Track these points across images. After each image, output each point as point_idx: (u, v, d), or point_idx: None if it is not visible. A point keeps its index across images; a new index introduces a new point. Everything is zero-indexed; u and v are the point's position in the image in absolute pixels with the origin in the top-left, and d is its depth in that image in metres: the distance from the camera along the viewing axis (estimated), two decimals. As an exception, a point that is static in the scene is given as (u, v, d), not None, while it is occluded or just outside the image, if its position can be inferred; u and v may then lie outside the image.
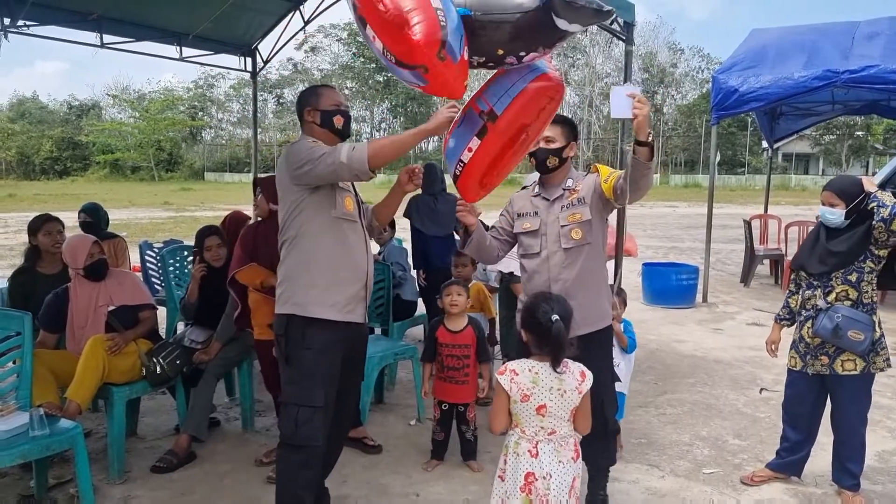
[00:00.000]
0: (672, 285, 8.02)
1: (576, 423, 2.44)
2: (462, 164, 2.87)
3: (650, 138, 2.68)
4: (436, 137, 3.02)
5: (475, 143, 2.81)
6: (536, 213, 3.08)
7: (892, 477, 3.71)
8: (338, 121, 2.90)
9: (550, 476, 2.33)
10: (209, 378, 3.95)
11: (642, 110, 2.65)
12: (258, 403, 4.48)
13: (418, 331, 5.83)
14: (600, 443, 3.05)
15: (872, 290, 3.29)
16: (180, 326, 5.11)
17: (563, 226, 2.98)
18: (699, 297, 8.34)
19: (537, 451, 2.37)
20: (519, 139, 2.82)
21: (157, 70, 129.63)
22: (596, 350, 2.96)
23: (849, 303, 3.26)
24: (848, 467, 3.39)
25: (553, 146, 3.03)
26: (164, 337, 4.28)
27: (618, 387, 3.90)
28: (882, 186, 12.18)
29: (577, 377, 2.40)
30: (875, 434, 4.16)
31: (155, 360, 3.76)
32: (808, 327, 3.36)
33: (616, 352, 3.90)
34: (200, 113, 54.50)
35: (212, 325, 4.13)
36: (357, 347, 3.00)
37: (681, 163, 47.52)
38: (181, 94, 53.08)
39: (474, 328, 3.81)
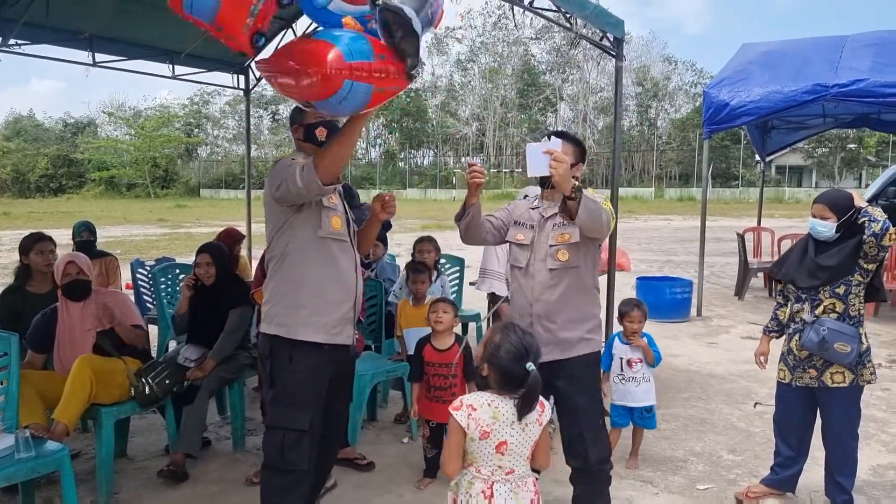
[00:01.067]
0: (666, 299, 8.00)
1: (534, 458, 2.25)
2: None
3: (574, 194, 2.56)
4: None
5: None
6: (532, 227, 2.99)
7: (886, 491, 3.69)
8: (320, 133, 2.80)
9: None
10: (203, 395, 3.93)
11: (558, 169, 2.52)
12: (249, 422, 4.44)
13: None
14: (587, 489, 2.90)
15: (860, 302, 3.29)
16: (172, 345, 5.09)
17: (551, 245, 2.88)
18: (693, 311, 8.33)
19: (492, 492, 2.15)
20: None
21: (153, 87, 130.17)
22: (577, 379, 2.86)
23: (835, 315, 3.26)
24: (839, 482, 3.38)
25: None
26: (154, 357, 4.26)
27: (646, 400, 3.95)
28: (875, 198, 12.23)
29: (536, 408, 2.19)
30: (870, 448, 4.14)
31: (144, 380, 3.73)
32: (796, 340, 3.36)
33: (643, 366, 3.90)
34: (196, 130, 54.57)
35: (205, 343, 4.13)
36: (344, 369, 2.96)
37: (675, 176, 47.63)
38: (177, 110, 53.15)
39: (461, 347, 3.78)
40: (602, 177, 44.39)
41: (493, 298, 4.38)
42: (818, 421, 3.47)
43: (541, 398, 2.21)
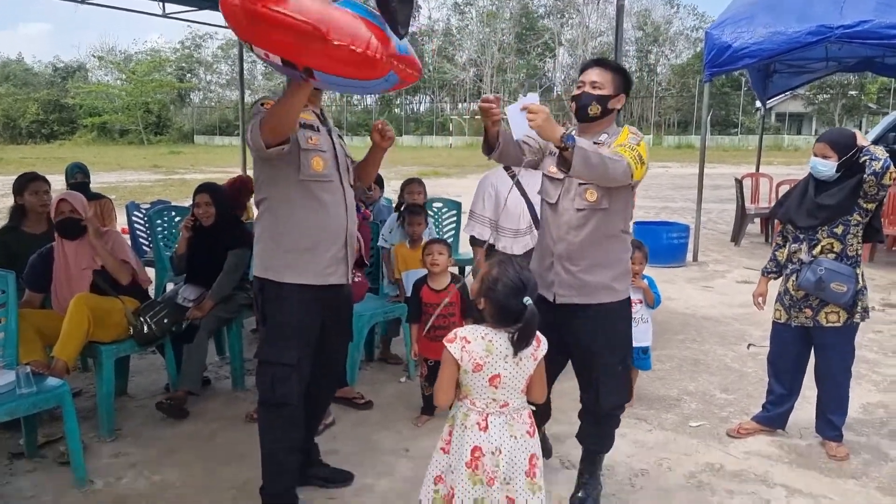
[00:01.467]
0: (663, 244, 8.01)
1: (530, 391, 2.25)
2: None
3: (565, 142, 2.34)
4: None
5: None
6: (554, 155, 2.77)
7: (875, 429, 3.76)
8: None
9: (500, 451, 2.14)
10: (202, 334, 3.96)
11: (536, 119, 2.36)
12: (248, 362, 4.48)
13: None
14: (591, 428, 2.89)
15: (858, 243, 3.29)
16: (169, 286, 5.10)
17: (580, 184, 2.66)
18: (690, 256, 8.36)
19: (487, 424, 2.15)
20: None
21: (143, 30, 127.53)
22: (597, 326, 2.73)
23: (833, 256, 3.26)
24: (831, 419, 3.44)
25: (599, 92, 2.68)
26: (153, 297, 4.27)
27: (643, 340, 3.95)
28: (874, 144, 12.14)
29: (532, 342, 2.17)
30: (861, 387, 4.21)
31: (142, 319, 3.74)
32: (794, 280, 3.37)
33: (642, 308, 3.92)
34: (188, 75, 53.60)
35: (204, 283, 4.13)
36: (340, 308, 2.93)
37: (674, 124, 47.18)
38: (168, 55, 52.11)
39: (458, 284, 3.80)
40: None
41: (473, 242, 4.36)
42: (811, 360, 3.52)
43: (537, 333, 2.19)
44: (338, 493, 3.05)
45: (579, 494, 2.91)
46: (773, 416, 3.62)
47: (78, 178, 5.61)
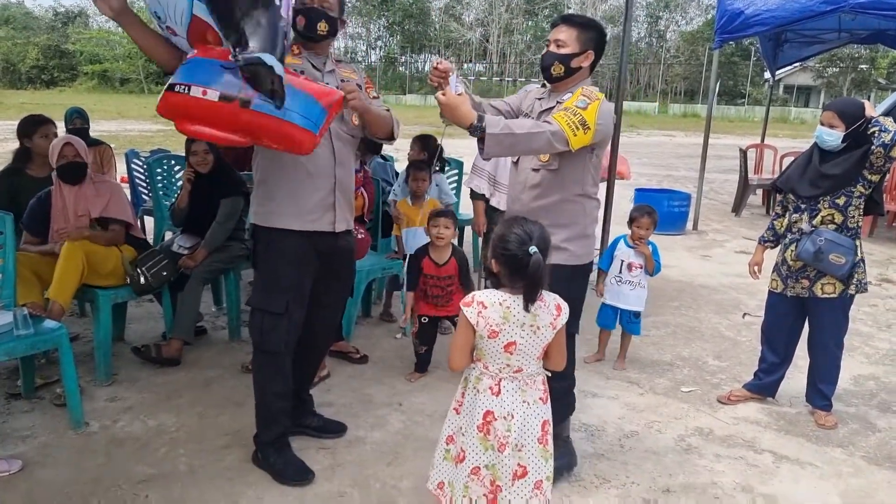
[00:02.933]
0: (664, 211, 7.93)
1: (548, 359, 2.19)
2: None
3: (473, 132, 2.35)
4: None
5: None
6: (529, 116, 2.75)
7: (865, 399, 3.80)
8: (300, 21, 2.62)
9: (512, 416, 2.09)
10: (194, 283, 3.96)
11: (445, 112, 2.37)
12: (244, 313, 4.49)
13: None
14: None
15: (859, 215, 3.28)
16: (168, 235, 5.08)
17: None
18: (690, 225, 8.35)
19: (500, 389, 2.11)
20: None
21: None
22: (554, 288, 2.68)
23: (833, 227, 3.25)
24: (821, 389, 3.48)
25: (561, 51, 2.61)
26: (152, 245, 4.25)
27: (637, 305, 3.99)
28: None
29: (552, 311, 2.11)
30: (853, 359, 4.24)
31: (139, 270, 3.74)
32: (792, 250, 3.37)
33: (641, 273, 3.93)
34: (191, 24, 52.76)
35: (200, 232, 4.11)
36: (335, 257, 2.86)
37: (680, 92, 46.71)
38: (170, 3, 51.20)
39: (458, 259, 3.80)
40: (606, 90, 43.44)
41: (472, 195, 4.35)
42: (804, 330, 3.54)
43: (558, 301, 2.14)
44: (331, 443, 3.09)
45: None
46: (765, 385, 3.65)
47: (77, 123, 5.54)
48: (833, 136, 3.21)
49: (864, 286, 3.36)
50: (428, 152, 4.70)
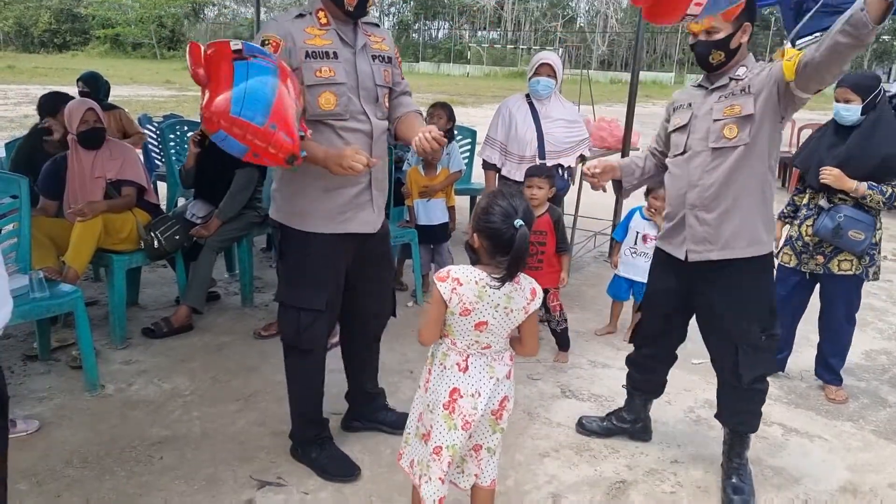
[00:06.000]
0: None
1: (522, 345, 2.14)
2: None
3: None
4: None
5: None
6: (689, 105, 2.52)
7: (875, 374, 3.79)
8: (349, 2, 2.40)
9: (479, 395, 2.04)
10: (208, 252, 3.97)
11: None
12: (257, 280, 4.53)
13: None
14: (733, 405, 2.63)
15: (879, 190, 3.23)
16: (181, 201, 5.10)
17: (715, 120, 2.40)
18: (704, 197, 8.26)
19: (467, 366, 2.06)
20: None
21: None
22: (734, 284, 2.46)
23: (851, 202, 3.21)
24: (830, 363, 3.47)
25: (716, 37, 2.36)
26: (165, 211, 4.27)
27: (642, 276, 3.82)
28: (898, 94, 11.74)
29: (526, 295, 2.04)
30: (865, 334, 4.22)
31: (153, 234, 3.77)
32: (808, 226, 3.33)
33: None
34: (203, -12, 52.36)
35: (213, 200, 4.11)
36: (369, 251, 2.67)
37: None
38: (183, -33, 50.78)
39: (552, 215, 3.68)
40: (622, 59, 42.92)
41: (484, 166, 4.32)
42: (815, 304, 3.52)
43: (533, 285, 2.08)
44: (341, 408, 3.11)
45: (733, 480, 2.63)
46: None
47: (79, 86, 5.50)
48: (851, 111, 3.17)
49: (877, 275, 3.35)
50: (446, 119, 4.66)
